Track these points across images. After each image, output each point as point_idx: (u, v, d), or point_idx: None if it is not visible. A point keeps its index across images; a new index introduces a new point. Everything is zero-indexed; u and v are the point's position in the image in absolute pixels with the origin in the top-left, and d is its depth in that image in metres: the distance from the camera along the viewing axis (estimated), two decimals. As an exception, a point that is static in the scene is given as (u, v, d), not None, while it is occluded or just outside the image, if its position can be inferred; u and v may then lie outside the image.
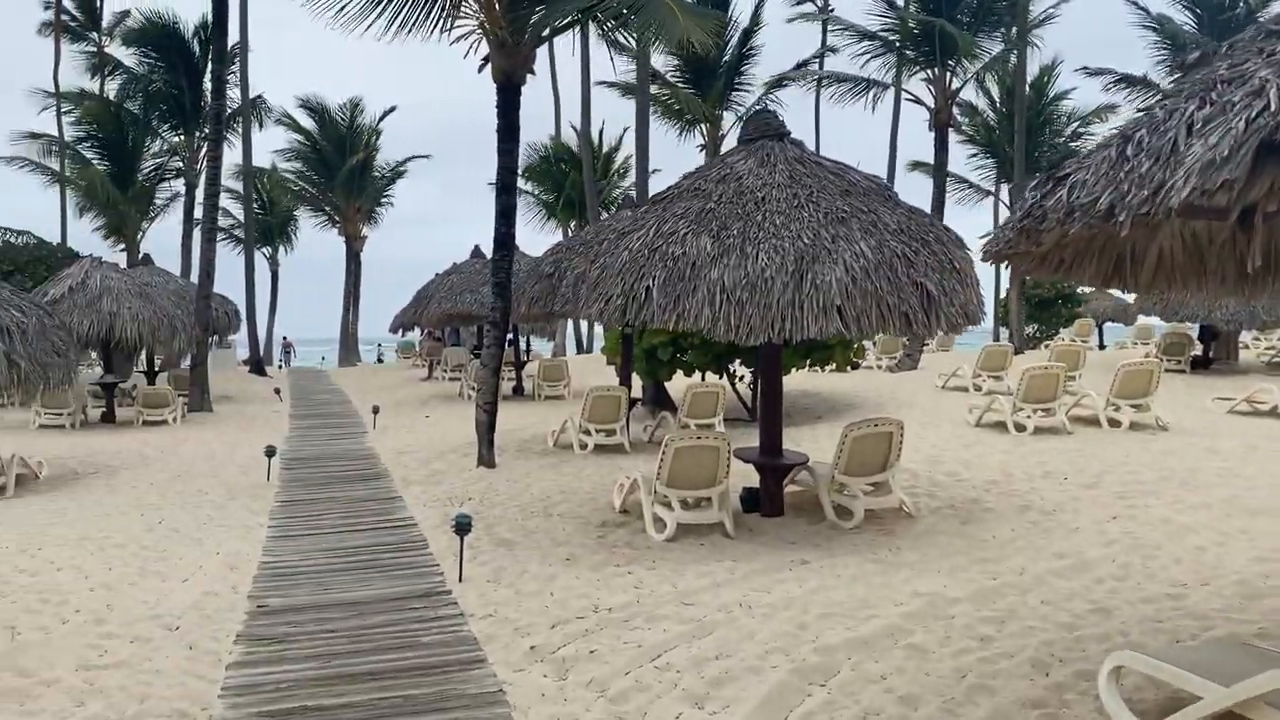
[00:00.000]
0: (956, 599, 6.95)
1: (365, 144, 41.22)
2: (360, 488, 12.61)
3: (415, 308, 27.39)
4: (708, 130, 31.39)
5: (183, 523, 10.41)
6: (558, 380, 22.25)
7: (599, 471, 12.74)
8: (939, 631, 6.31)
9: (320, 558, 8.93)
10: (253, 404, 24.08)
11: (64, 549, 9.01)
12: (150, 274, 23.19)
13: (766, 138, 9.57)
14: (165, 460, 15.04)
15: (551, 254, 15.13)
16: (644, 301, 8.33)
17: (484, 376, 13.26)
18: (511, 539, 9.28)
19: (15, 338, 12.31)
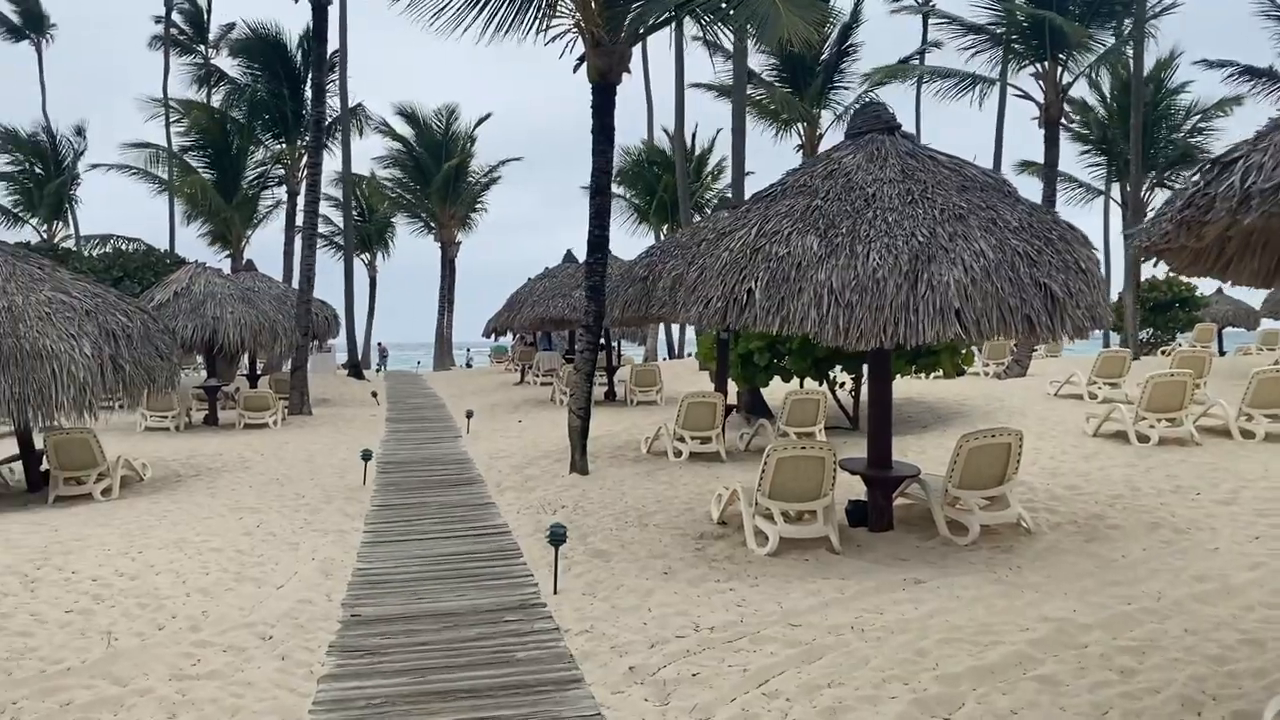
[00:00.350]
0: (1088, 625, 6.39)
1: (460, 150, 41.64)
2: (453, 493, 12.49)
3: (508, 312, 27.46)
4: (805, 130, 30.76)
5: (279, 527, 10.40)
6: (650, 386, 21.95)
7: (695, 480, 12.38)
8: (1072, 662, 5.78)
9: (413, 565, 8.78)
10: (350, 407, 24.38)
11: (164, 552, 9.03)
12: (253, 279, 23.66)
13: (876, 131, 9.10)
14: (265, 463, 15.20)
15: (645, 257, 14.87)
16: (746, 304, 7.96)
17: (577, 381, 13.03)
18: (607, 550, 8.99)
19: (121, 341, 12.52)
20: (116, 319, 12.72)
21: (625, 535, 9.55)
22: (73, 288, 12.78)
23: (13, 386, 11.40)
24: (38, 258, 13.17)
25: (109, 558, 8.75)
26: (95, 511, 11.35)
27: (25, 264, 12.76)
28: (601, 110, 12.61)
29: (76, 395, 11.70)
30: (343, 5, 32.71)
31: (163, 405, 19.52)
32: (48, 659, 6.01)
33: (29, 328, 11.85)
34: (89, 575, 8.11)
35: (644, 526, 9.92)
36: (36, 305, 12.14)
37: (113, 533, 9.95)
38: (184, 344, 19.18)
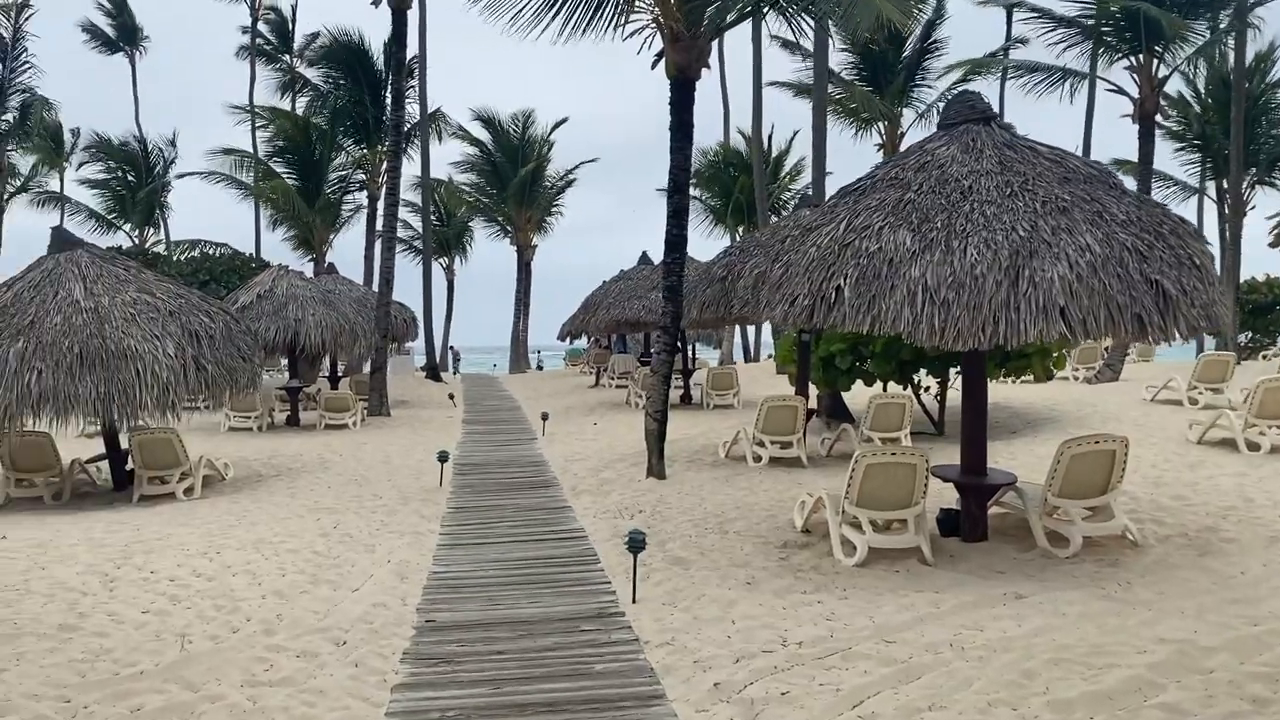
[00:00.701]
0: (1211, 648, 5.89)
1: (536, 154, 41.77)
2: (529, 496, 12.32)
3: (583, 315, 27.37)
4: (886, 129, 30.10)
5: (356, 528, 10.32)
6: (727, 389, 21.59)
7: (776, 486, 12.01)
8: (1197, 689, 5.31)
9: (489, 569, 8.59)
10: (428, 408, 24.50)
11: (241, 552, 9.00)
12: (334, 282, 23.93)
13: (970, 121, 8.66)
14: (344, 464, 15.25)
15: (724, 256, 14.54)
16: (834, 303, 7.60)
17: (654, 384, 12.77)
18: (686, 557, 8.69)
19: (203, 342, 12.64)
20: (199, 320, 12.85)
21: (705, 542, 9.24)
22: (157, 289, 12.94)
23: (98, 386, 11.57)
24: (124, 259, 13.40)
25: (188, 558, 8.74)
26: (177, 511, 11.44)
27: (112, 265, 12.97)
28: (680, 107, 12.34)
29: (159, 395, 11.83)
30: (422, 12, 33.05)
31: (246, 406, 19.80)
32: (122, 661, 5.94)
33: (115, 328, 12.02)
34: (167, 575, 8.09)
35: (724, 533, 9.60)
36: (122, 306, 12.31)
37: (193, 532, 9.98)
38: (267, 345, 19.44)
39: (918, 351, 16.06)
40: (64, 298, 12.17)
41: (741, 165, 39.13)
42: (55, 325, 11.85)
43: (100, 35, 48.47)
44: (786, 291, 7.88)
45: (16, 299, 12.21)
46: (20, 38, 25.91)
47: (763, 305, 8.20)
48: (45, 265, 12.75)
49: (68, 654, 6.03)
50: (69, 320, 11.92)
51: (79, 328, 11.87)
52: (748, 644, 6.26)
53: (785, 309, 7.82)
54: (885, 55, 29.57)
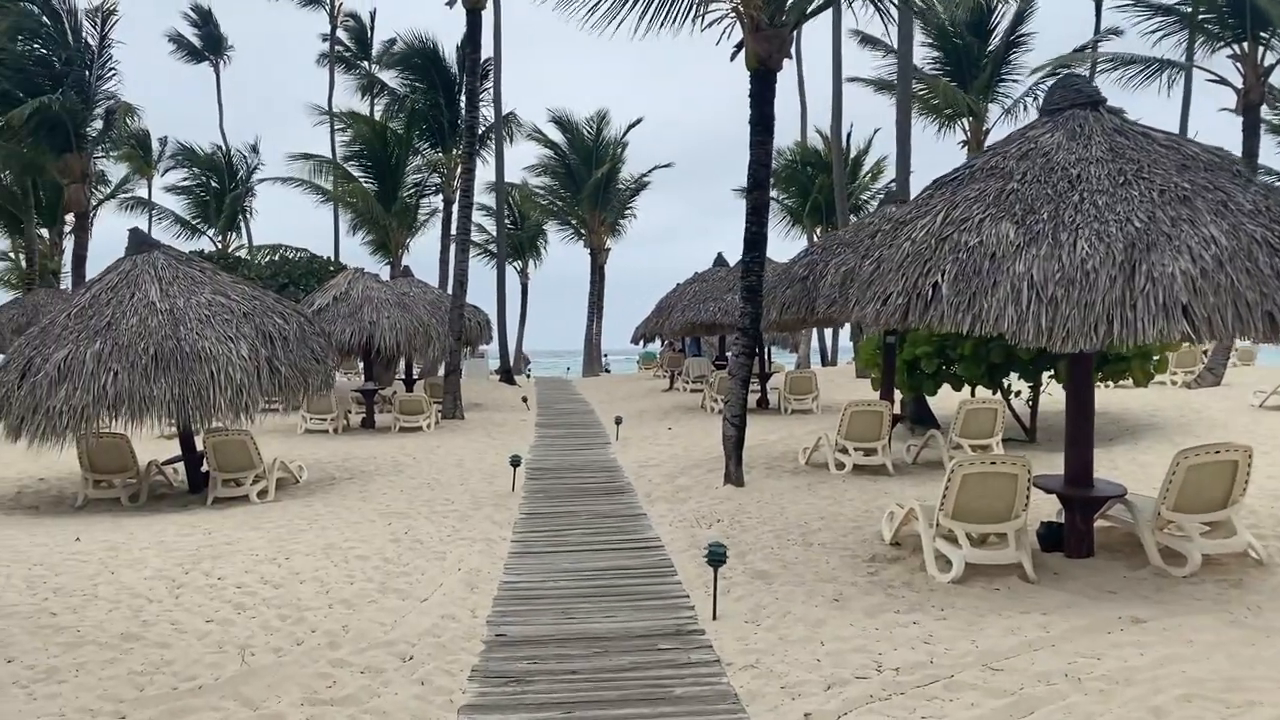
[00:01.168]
0: (1365, 685, 5.25)
1: (611, 156, 41.61)
2: (603, 502, 11.97)
3: (657, 318, 27.01)
4: (970, 125, 29.14)
5: (427, 534, 10.07)
6: (805, 393, 21.02)
7: (861, 495, 11.47)
8: (1355, 734, 4.69)
9: (562, 580, 8.24)
10: (501, 411, 24.36)
11: (310, 559, 8.80)
12: (408, 284, 23.95)
13: (1076, 106, 8.04)
14: (417, 467, 15.09)
15: (804, 256, 14.02)
16: (931, 300, 7.08)
17: (732, 388, 12.31)
18: (768, 570, 8.22)
19: (277, 343, 12.55)
20: (273, 321, 12.77)
21: (788, 554, 8.76)
22: (232, 290, 12.91)
23: (173, 387, 11.53)
24: (200, 261, 13.41)
25: (256, 563, 8.56)
26: (249, 514, 11.34)
27: (188, 267, 12.98)
28: (760, 99, 11.88)
29: (233, 397, 11.76)
30: (497, 15, 33.06)
31: (322, 408, 19.86)
32: (181, 674, 5.70)
33: (189, 330, 11.99)
34: (234, 582, 7.90)
35: (808, 545, 9.11)
36: (197, 308, 12.29)
37: (263, 537, 9.83)
38: (342, 347, 19.45)
39: (1008, 354, 15.34)
40: (140, 299, 12.19)
41: (819, 165, 38.41)
42: (131, 327, 11.86)
43: (186, 45, 49.78)
44: (878, 289, 7.38)
45: (94, 301, 12.27)
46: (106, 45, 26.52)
47: (851, 304, 7.70)
48: (122, 267, 12.81)
49: (128, 665, 5.82)
50: (144, 322, 11.93)
51: (154, 329, 11.87)
52: (839, 669, 5.78)
53: (877, 308, 7.32)
54: (970, 49, 28.64)
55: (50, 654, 6.03)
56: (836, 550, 8.84)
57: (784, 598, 7.39)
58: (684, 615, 7.11)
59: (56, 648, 6.14)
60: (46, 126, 24.75)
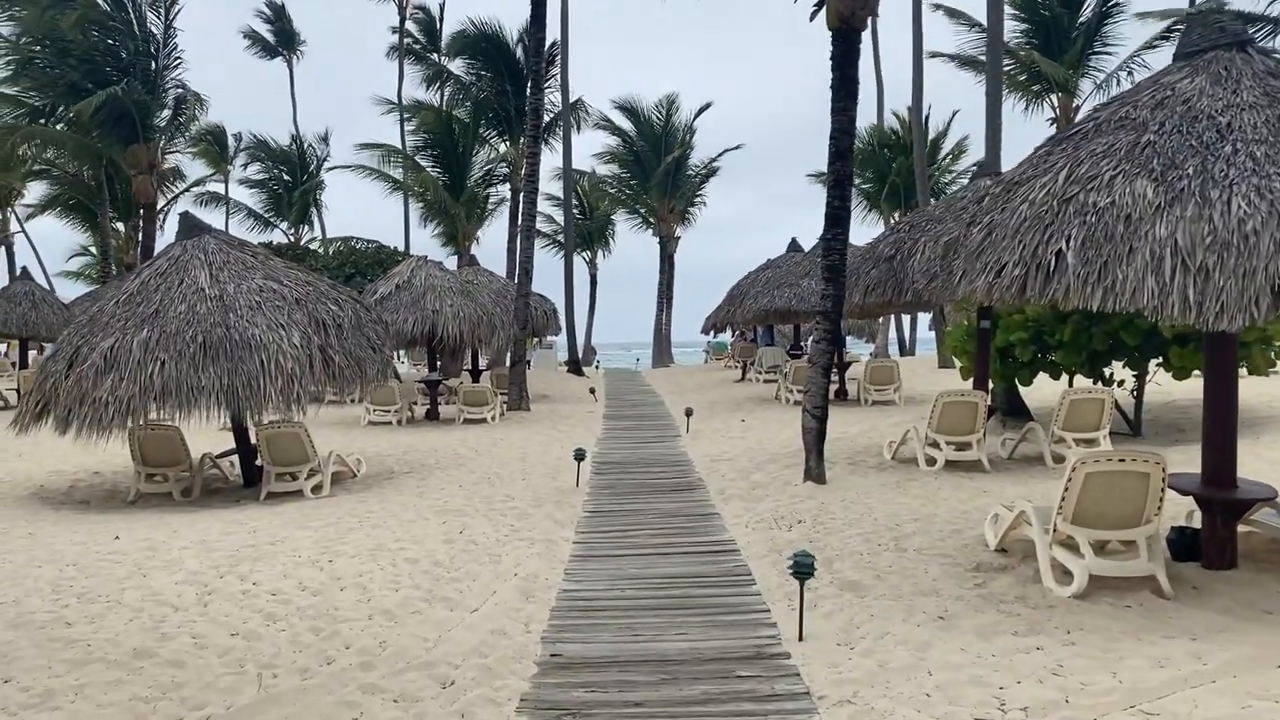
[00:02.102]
0: None
1: (680, 142, 40.67)
2: (673, 499, 11.13)
3: (728, 306, 26.07)
4: (1060, 101, 27.57)
5: (483, 534, 9.34)
6: (887, 384, 19.89)
7: (956, 494, 10.44)
8: None
9: (627, 589, 7.41)
10: (568, 403, 23.68)
11: (355, 561, 8.11)
12: (474, 273, 23.40)
13: (1219, 47, 6.93)
14: (478, 460, 14.43)
15: (890, 234, 12.99)
16: (1053, 271, 6.06)
17: (812, 377, 11.35)
18: (860, 581, 7.29)
19: (330, 331, 11.96)
20: (327, 308, 12.18)
21: (880, 562, 7.81)
22: (284, 276, 12.35)
23: (221, 377, 11.00)
24: (252, 246, 12.88)
25: (297, 566, 7.90)
26: (300, 511, 10.75)
27: (240, 252, 12.45)
28: (842, 61, 10.89)
29: (284, 387, 11.18)
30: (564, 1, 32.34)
31: (385, 399, 19.36)
32: (190, 701, 5.00)
33: (239, 317, 11.45)
34: (269, 589, 7.23)
35: (902, 551, 8.15)
36: (247, 294, 11.74)
37: (309, 536, 9.19)
38: (404, 337, 18.91)
39: (1112, 340, 14.11)
40: (189, 285, 11.68)
41: (896, 147, 36.99)
42: (180, 314, 11.36)
43: (260, 41, 50.15)
44: (990, 259, 6.39)
45: (143, 288, 11.80)
46: (171, 33, 26.44)
47: (957, 278, 6.71)
48: (172, 252, 12.34)
49: (133, 689, 5.14)
50: (193, 308, 11.42)
51: (203, 316, 11.35)
52: (954, 707, 4.85)
53: (989, 280, 6.33)
54: (1059, 20, 27.05)
55: (53, 673, 5.39)
56: (935, 557, 7.87)
57: (880, 614, 6.46)
58: (765, 635, 6.23)
59: (61, 665, 5.50)
60: (114, 118, 24.73)
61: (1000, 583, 7.08)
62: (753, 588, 7.37)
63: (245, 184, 46.41)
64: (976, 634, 5.96)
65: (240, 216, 44.96)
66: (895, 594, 6.91)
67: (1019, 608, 6.48)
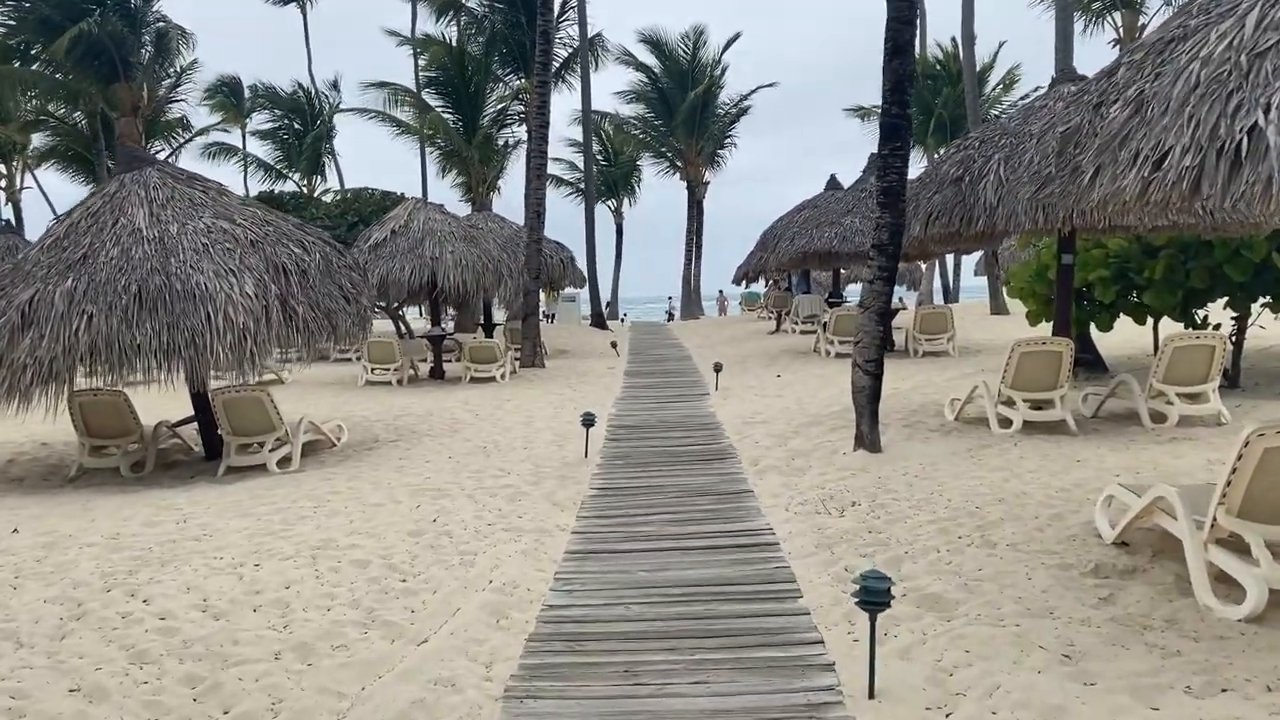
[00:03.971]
0: None
1: (708, 77, 38.30)
2: (697, 471, 9.34)
3: (761, 252, 24.13)
4: (1123, 18, 25.03)
5: (462, 522, 7.58)
6: (940, 333, 17.86)
7: (1045, 465, 8.52)
8: None
9: (632, 603, 5.62)
10: (588, 359, 21.88)
11: (288, 565, 6.37)
12: (483, 219, 21.56)
13: None
14: (477, 426, 12.68)
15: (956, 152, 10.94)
16: (1247, 154, 4.09)
17: (865, 325, 9.43)
18: (943, 594, 5.44)
19: (292, 278, 10.19)
20: (288, 251, 10.40)
21: (965, 563, 5.95)
22: (239, 214, 10.57)
23: (160, 333, 9.27)
24: (204, 179, 11.06)
25: (211, 574, 6.17)
26: (251, 492, 9.04)
27: (187, 187, 10.66)
28: (901, -66, 8.81)
29: (235, 343, 9.44)
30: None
31: (384, 357, 17.66)
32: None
33: (182, 262, 9.69)
34: (160, 609, 5.49)
35: (990, 546, 6.28)
36: (193, 235, 9.97)
37: (247, 527, 7.48)
38: (401, 287, 17.11)
39: (1212, 277, 12.05)
40: (124, 226, 9.93)
41: (941, 78, 34.46)
42: (111, 260, 9.63)
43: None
44: (1143, 145, 4.42)
45: (71, 230, 10.06)
46: (151, -37, 24.51)
47: (1087, 177, 4.74)
48: (109, 188, 10.57)
49: None
50: (127, 253, 9.68)
51: (139, 262, 9.61)
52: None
53: (1142, 176, 4.37)
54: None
55: None
56: (1036, 555, 6.00)
57: (980, 650, 4.61)
58: (819, 685, 4.41)
59: None
60: (91, 54, 22.90)
61: (1133, 595, 5.21)
62: (798, 602, 5.55)
63: (256, 135, 44.66)
64: (1127, 687, 4.11)
65: (253, 168, 43.28)
66: (994, 615, 5.05)
67: (1174, 639, 4.61)
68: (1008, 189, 9.75)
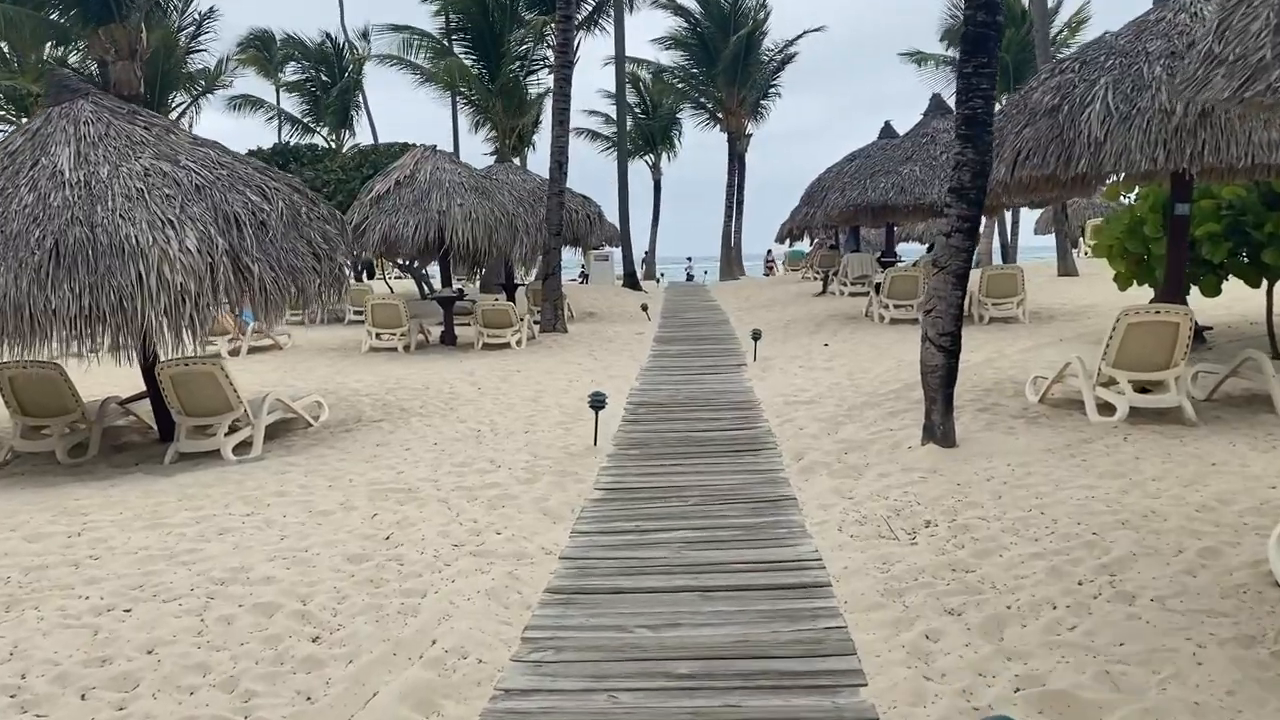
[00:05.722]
0: None
1: (750, 20, 35.98)
2: (727, 467, 7.65)
3: (807, 207, 22.13)
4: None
5: (423, 540, 5.96)
6: (1008, 296, 15.87)
7: (1168, 468, 6.68)
8: None
9: (621, 682, 3.95)
10: (616, 323, 20.16)
11: (169, 611, 4.77)
12: (503, 170, 19.81)
13: None
14: (479, 403, 11.05)
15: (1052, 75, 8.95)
16: None
17: (940, 289, 7.56)
18: (1078, 693, 3.68)
19: (246, 231, 8.53)
20: (243, 199, 8.75)
21: (1097, 630, 4.19)
22: (187, 155, 8.91)
23: (80, 296, 7.69)
24: (148, 114, 9.41)
25: (61, 625, 4.57)
26: (183, 491, 7.46)
27: (126, 122, 9.01)
28: None
29: (170, 308, 7.83)
30: None
31: (389, 321, 16.06)
32: None
33: (110, 211, 8.07)
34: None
35: (1126, 599, 4.52)
36: (126, 180, 8.33)
37: (148, 546, 5.90)
38: (406, 244, 15.44)
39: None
40: (44, 168, 8.31)
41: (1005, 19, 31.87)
42: (25, 208, 8.03)
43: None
44: None
45: (-17, 172, 8.46)
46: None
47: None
48: (33, 124, 8.95)
49: None
50: (45, 200, 8.07)
51: (57, 211, 8.00)
52: None
53: None
54: None
55: None
56: (1196, 616, 4.23)
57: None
58: None
59: None
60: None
61: (1371, 702, 3.42)
62: (860, 694, 3.83)
63: (283, 88, 43.03)
64: None
65: (277, 122, 41.75)
66: (1168, 739, 3.30)
67: None
68: (1119, 120, 7.84)
